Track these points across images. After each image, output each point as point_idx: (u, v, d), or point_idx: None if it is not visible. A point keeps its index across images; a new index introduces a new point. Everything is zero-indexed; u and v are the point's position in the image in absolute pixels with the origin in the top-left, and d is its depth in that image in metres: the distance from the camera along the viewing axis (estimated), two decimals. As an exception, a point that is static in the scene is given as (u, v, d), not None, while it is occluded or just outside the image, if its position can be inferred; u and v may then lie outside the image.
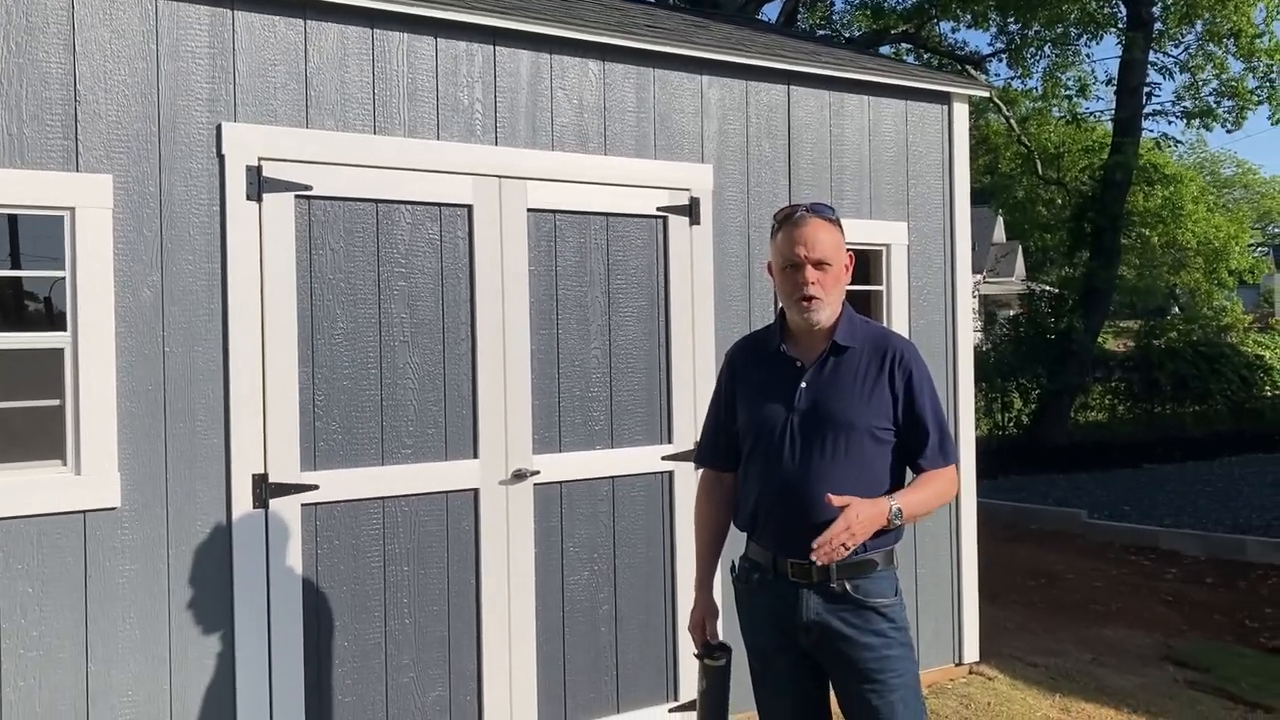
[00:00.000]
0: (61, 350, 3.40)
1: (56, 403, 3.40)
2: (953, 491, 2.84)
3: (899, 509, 2.64)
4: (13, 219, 3.36)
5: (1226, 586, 8.16)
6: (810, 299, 2.72)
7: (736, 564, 2.92)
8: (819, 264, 2.72)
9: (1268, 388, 17.56)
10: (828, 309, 2.74)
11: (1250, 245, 33.16)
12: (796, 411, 2.73)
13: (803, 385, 2.75)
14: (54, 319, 3.43)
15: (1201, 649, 6.40)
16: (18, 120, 3.33)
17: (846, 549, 2.55)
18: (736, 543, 2.95)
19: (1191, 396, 16.74)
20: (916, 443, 2.76)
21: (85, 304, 3.40)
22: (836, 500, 2.56)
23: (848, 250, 2.81)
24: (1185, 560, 9.01)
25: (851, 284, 4.87)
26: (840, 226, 2.79)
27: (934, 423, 2.76)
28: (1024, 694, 5.18)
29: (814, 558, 2.53)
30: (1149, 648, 6.37)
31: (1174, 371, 16.52)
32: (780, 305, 2.88)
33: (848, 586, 2.69)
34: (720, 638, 2.96)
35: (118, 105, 3.47)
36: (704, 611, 2.97)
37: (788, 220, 2.77)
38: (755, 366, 2.88)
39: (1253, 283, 35.23)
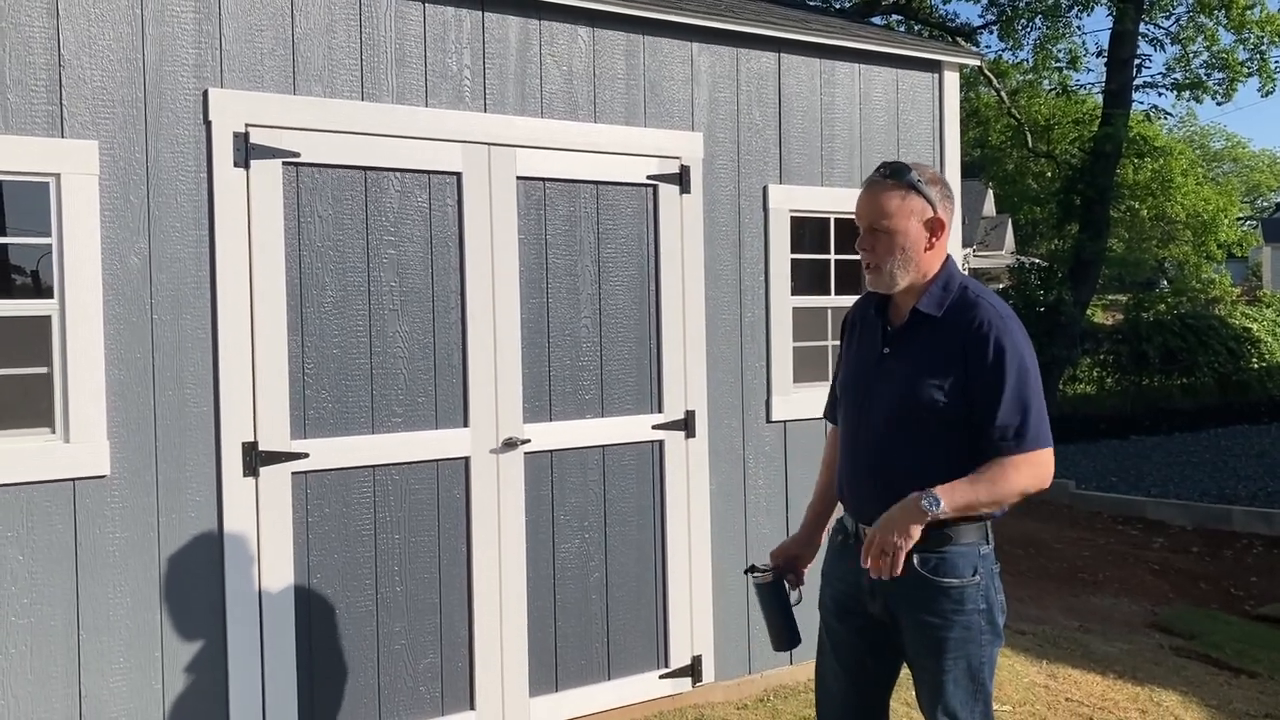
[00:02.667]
0: (49, 318, 3.38)
1: (44, 370, 3.38)
2: (1034, 478, 2.55)
3: (935, 499, 2.46)
4: (-4, 186, 3.33)
5: (1212, 555, 8.24)
6: (865, 265, 2.68)
7: (834, 522, 2.90)
8: (872, 230, 2.65)
9: (1255, 360, 17.66)
10: (886, 276, 2.63)
11: (1239, 218, 33.23)
12: (873, 377, 2.68)
13: (884, 350, 2.69)
14: (41, 290, 3.40)
15: (1187, 616, 6.47)
16: (1, 85, 3.29)
17: (898, 550, 2.48)
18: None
19: (1179, 369, 16.83)
20: (985, 424, 2.53)
21: (72, 271, 3.38)
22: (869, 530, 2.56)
23: (932, 216, 2.63)
24: (1172, 530, 9.09)
25: (839, 254, 4.94)
26: (916, 190, 2.61)
27: (1011, 404, 2.52)
28: (1011, 661, 5.23)
29: (869, 569, 2.52)
30: (1135, 615, 6.44)
31: (1162, 344, 16.59)
32: None
33: (915, 560, 2.56)
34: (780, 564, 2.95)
35: (103, 70, 3.44)
36: (789, 540, 2.97)
37: (864, 184, 2.72)
38: (860, 326, 2.83)
39: (1241, 256, 35.35)
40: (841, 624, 2.80)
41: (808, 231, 4.95)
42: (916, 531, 2.50)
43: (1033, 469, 2.55)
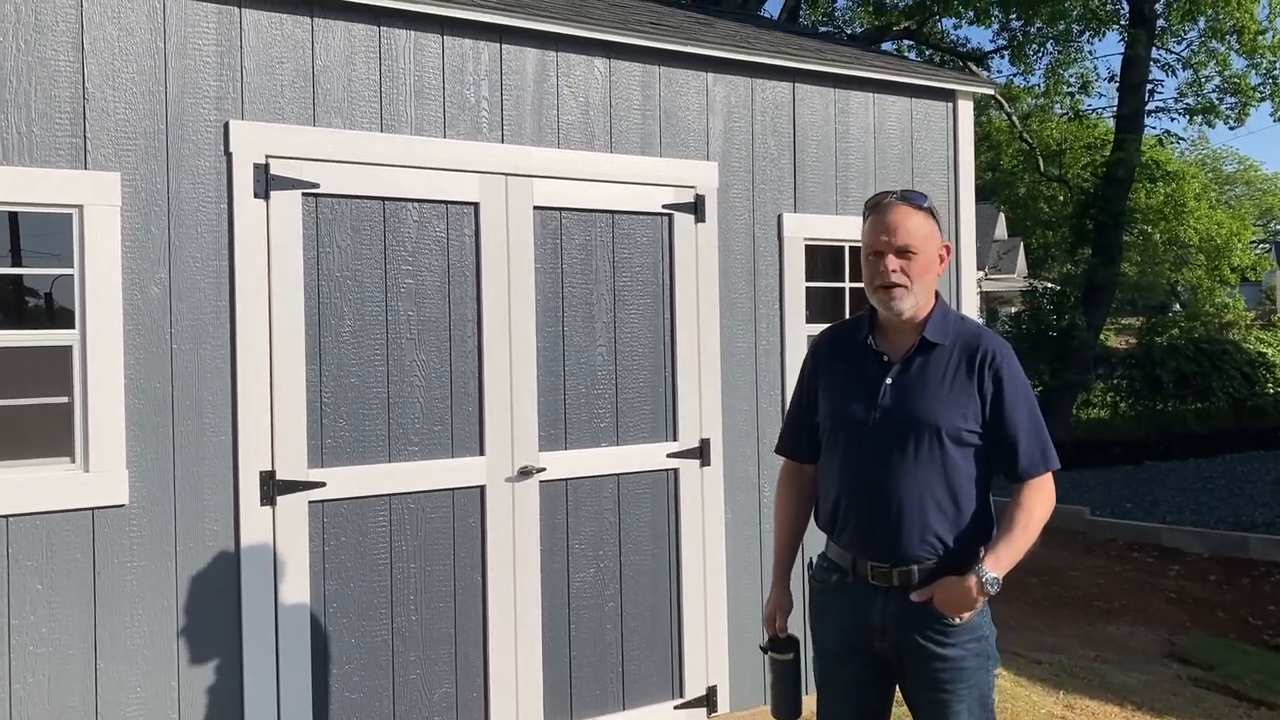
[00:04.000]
0: (69, 348, 3.41)
1: (64, 400, 3.41)
2: (1048, 504, 2.65)
3: (994, 578, 2.53)
4: (13, 216, 3.36)
5: (1229, 583, 8.18)
6: (891, 286, 2.59)
7: (815, 561, 2.85)
8: (902, 251, 2.58)
9: (1270, 385, 17.58)
10: (911, 298, 2.60)
11: (1252, 242, 33.14)
12: (880, 409, 2.63)
13: (888, 382, 2.64)
14: (54, 315, 3.43)
15: (1205, 646, 6.42)
16: (26, 118, 3.33)
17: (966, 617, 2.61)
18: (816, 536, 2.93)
19: (1193, 393, 16.76)
20: (1008, 450, 2.62)
21: (93, 301, 3.41)
22: (918, 597, 2.58)
23: (944, 244, 2.68)
24: (1188, 557, 9.03)
25: (853, 282, 4.94)
26: (934, 215, 2.64)
27: (1028, 429, 2.61)
28: (1028, 691, 5.19)
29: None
30: (1152, 644, 6.39)
31: (1176, 368, 16.53)
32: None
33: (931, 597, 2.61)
34: (789, 631, 2.92)
35: (126, 103, 3.48)
36: (777, 604, 2.90)
37: (875, 207, 2.66)
38: (841, 357, 2.77)
39: (1255, 280, 35.22)
40: (845, 663, 2.78)
41: (820, 259, 4.96)
42: (982, 604, 2.61)
43: (1046, 495, 2.66)
